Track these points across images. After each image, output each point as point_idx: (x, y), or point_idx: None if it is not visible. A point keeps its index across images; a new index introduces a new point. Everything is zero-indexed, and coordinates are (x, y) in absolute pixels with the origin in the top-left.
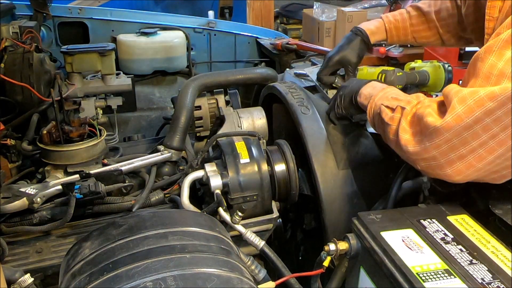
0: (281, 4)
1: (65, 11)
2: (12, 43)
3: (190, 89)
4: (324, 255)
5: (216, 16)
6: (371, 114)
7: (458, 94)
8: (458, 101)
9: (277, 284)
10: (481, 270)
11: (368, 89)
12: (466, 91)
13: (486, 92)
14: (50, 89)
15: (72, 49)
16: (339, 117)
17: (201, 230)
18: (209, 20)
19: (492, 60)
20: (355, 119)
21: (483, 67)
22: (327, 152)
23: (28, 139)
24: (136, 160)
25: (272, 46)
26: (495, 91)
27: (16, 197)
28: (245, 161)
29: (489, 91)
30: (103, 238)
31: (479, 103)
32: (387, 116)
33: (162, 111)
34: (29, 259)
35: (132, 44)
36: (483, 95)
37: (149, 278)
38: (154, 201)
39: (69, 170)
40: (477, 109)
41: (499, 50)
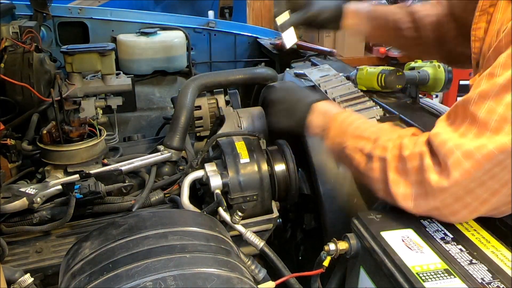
0: None
1: (65, 11)
2: (12, 43)
3: (190, 89)
4: (324, 255)
5: (216, 16)
6: (332, 149)
7: (461, 148)
8: (464, 156)
9: (277, 284)
10: (481, 270)
11: (319, 119)
12: (471, 145)
13: (496, 145)
14: (50, 89)
15: (72, 49)
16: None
17: (201, 230)
18: (209, 20)
19: (490, 105)
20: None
21: (478, 111)
22: (327, 152)
23: (28, 139)
24: (136, 160)
25: (272, 46)
26: (506, 143)
27: (16, 197)
28: (245, 161)
29: (499, 144)
30: (103, 238)
31: (488, 157)
32: (361, 164)
33: (162, 111)
34: (29, 259)
35: (132, 44)
36: (493, 148)
37: (149, 278)
38: (154, 201)
39: (69, 170)
40: (486, 163)
41: (497, 94)
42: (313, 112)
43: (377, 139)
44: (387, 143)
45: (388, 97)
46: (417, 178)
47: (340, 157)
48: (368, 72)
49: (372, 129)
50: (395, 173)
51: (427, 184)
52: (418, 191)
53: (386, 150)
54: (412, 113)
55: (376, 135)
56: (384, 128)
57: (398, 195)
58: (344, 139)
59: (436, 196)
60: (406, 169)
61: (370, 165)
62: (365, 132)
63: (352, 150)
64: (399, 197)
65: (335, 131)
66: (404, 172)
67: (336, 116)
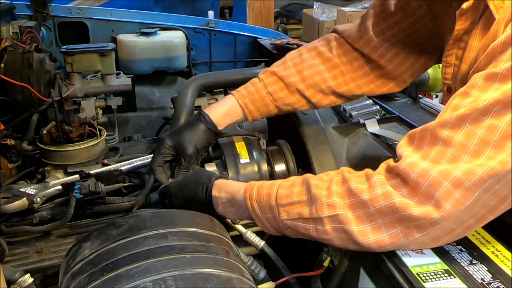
0: (281, 4)
1: (65, 11)
2: (12, 43)
3: (190, 89)
4: (324, 255)
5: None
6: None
7: (448, 177)
8: (453, 185)
9: (277, 284)
10: (481, 270)
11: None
12: (458, 172)
13: (486, 170)
14: (50, 89)
15: (72, 49)
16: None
17: (201, 230)
18: (209, 20)
19: (469, 128)
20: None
21: (456, 135)
22: (327, 152)
23: (28, 139)
24: (136, 160)
25: (272, 46)
26: (495, 167)
27: (16, 197)
28: (245, 161)
29: (489, 169)
30: (103, 238)
31: (478, 183)
32: (310, 230)
33: (162, 111)
34: (29, 259)
35: (132, 44)
36: (483, 173)
37: (149, 278)
38: (154, 201)
39: (69, 170)
40: (476, 189)
41: (476, 118)
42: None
43: (311, 199)
44: (329, 198)
45: (388, 97)
46: (386, 219)
47: (286, 232)
48: None
49: (296, 189)
50: (358, 223)
51: (409, 220)
52: (394, 231)
53: (334, 206)
54: (412, 113)
55: (305, 194)
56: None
57: (371, 244)
58: (275, 213)
59: (422, 228)
60: (370, 213)
61: (321, 228)
62: (290, 197)
63: (291, 221)
64: (373, 245)
65: (258, 208)
66: (369, 218)
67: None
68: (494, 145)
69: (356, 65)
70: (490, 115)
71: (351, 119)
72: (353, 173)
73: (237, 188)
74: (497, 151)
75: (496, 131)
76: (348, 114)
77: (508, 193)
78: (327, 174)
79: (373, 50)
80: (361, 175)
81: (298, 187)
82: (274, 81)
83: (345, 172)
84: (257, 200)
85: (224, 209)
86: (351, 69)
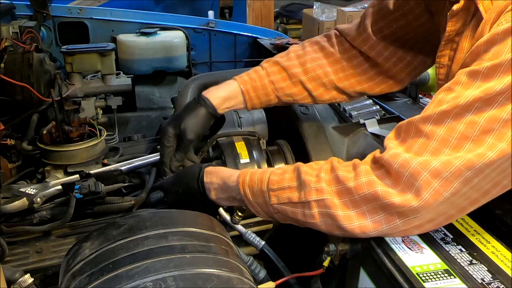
0: (281, 4)
1: (65, 11)
2: (12, 43)
3: (190, 89)
4: (324, 255)
5: (216, 16)
6: (259, 211)
7: (427, 167)
8: (431, 175)
9: (277, 284)
10: (481, 270)
11: (218, 192)
12: (436, 163)
13: (463, 162)
14: (50, 89)
15: (72, 49)
16: None
17: (201, 230)
18: (209, 20)
19: (450, 123)
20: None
21: (438, 129)
22: (327, 152)
23: (28, 139)
24: (136, 160)
25: (272, 46)
26: (472, 159)
27: (16, 197)
28: (245, 161)
29: (466, 160)
30: (103, 238)
31: (456, 174)
32: (298, 215)
33: (162, 111)
34: (29, 259)
35: (132, 44)
36: (459, 165)
37: (149, 278)
38: (154, 201)
39: (69, 170)
40: (454, 180)
41: (457, 114)
42: (207, 175)
43: (301, 184)
44: (317, 184)
45: (388, 97)
46: (370, 206)
47: (276, 216)
48: None
49: (287, 175)
50: (344, 209)
51: (390, 208)
52: (377, 218)
53: (322, 191)
54: (412, 113)
55: (296, 180)
56: (294, 170)
57: (355, 229)
58: (265, 198)
59: (404, 215)
60: (355, 200)
61: (308, 212)
62: (281, 182)
63: (280, 206)
64: (357, 230)
65: (251, 193)
66: (354, 204)
67: (241, 178)
68: (474, 139)
69: (355, 63)
70: (471, 111)
71: (351, 119)
72: (341, 162)
73: (229, 174)
74: (476, 145)
75: (476, 126)
76: (348, 114)
77: (490, 188)
78: (317, 163)
79: (370, 49)
80: (349, 165)
81: (289, 174)
82: (277, 71)
83: (334, 161)
84: (250, 186)
85: (216, 195)
86: (351, 66)
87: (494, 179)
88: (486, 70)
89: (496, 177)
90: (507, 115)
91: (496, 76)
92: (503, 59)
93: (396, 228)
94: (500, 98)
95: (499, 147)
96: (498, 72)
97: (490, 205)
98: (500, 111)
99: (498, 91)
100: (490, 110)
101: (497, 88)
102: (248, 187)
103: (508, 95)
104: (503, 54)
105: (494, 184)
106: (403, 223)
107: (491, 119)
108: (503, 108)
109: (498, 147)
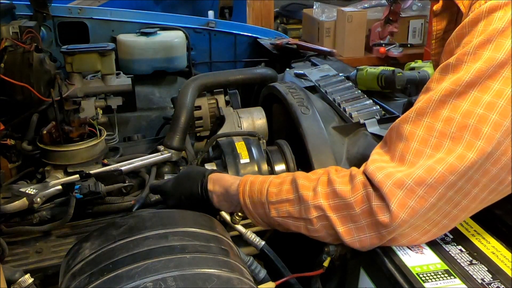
0: (281, 4)
1: (65, 11)
2: (12, 43)
3: (190, 89)
4: (324, 255)
5: (216, 16)
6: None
7: (411, 177)
8: (415, 184)
9: (277, 284)
10: (481, 270)
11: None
12: (420, 171)
13: (445, 167)
14: (50, 89)
15: (72, 49)
16: None
17: (201, 231)
18: (209, 20)
19: (428, 122)
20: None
21: (416, 130)
22: (327, 152)
23: (28, 139)
24: (136, 160)
25: (272, 46)
26: (454, 163)
27: (16, 197)
28: (245, 161)
29: (448, 165)
30: (103, 239)
31: (440, 180)
32: (301, 228)
33: (162, 111)
34: (29, 259)
35: (132, 44)
36: (443, 170)
37: (149, 278)
38: (154, 201)
39: (69, 170)
40: (439, 186)
41: (433, 111)
42: (210, 182)
43: (299, 199)
44: (315, 200)
45: (388, 97)
46: (368, 221)
47: (277, 227)
48: (368, 72)
49: (285, 187)
50: (343, 225)
51: (380, 226)
52: (373, 233)
53: (321, 208)
54: None
55: (293, 193)
56: (292, 182)
57: (355, 243)
58: (265, 210)
59: (390, 227)
60: (353, 215)
61: (311, 227)
62: (279, 195)
63: (281, 219)
64: (357, 245)
65: (250, 204)
66: (352, 219)
67: (241, 187)
68: (452, 137)
69: None
70: (446, 107)
71: (351, 119)
72: (339, 171)
73: (230, 183)
74: (455, 144)
75: (453, 123)
76: (348, 114)
77: (470, 188)
78: (315, 173)
79: None
80: (346, 175)
81: (287, 185)
82: None
83: (331, 173)
84: (249, 196)
85: (219, 202)
86: None
87: (479, 181)
88: (455, 60)
89: (481, 179)
90: (481, 109)
91: (463, 65)
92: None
93: (385, 239)
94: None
95: (477, 146)
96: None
97: (490, 206)
98: (473, 104)
99: (467, 80)
100: (464, 103)
101: (466, 78)
102: (248, 197)
103: (480, 84)
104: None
105: (481, 188)
106: (387, 232)
107: (466, 114)
108: (477, 99)
109: (476, 146)
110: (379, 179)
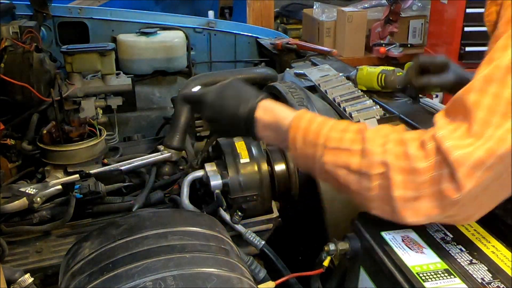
0: (281, 4)
1: (65, 11)
2: (12, 43)
3: None
4: (324, 255)
5: (216, 16)
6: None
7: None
8: (485, 155)
9: (277, 284)
10: (481, 270)
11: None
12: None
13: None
14: (50, 89)
15: (72, 49)
16: None
17: (201, 230)
18: (209, 20)
19: (494, 89)
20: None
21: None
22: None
23: (28, 139)
24: (136, 160)
25: (272, 46)
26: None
27: (16, 197)
28: (245, 161)
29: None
30: (103, 238)
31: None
32: (351, 183)
33: (162, 111)
34: (29, 259)
35: (132, 44)
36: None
37: (148, 278)
38: (154, 201)
39: (69, 170)
40: (506, 157)
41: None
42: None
43: (365, 150)
44: (383, 156)
45: (388, 97)
46: (431, 190)
47: (319, 173)
48: (368, 72)
49: (348, 135)
50: (404, 190)
51: (444, 195)
52: (434, 204)
53: (388, 165)
54: (412, 113)
55: (358, 144)
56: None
57: (407, 213)
58: (317, 152)
59: (456, 203)
60: (417, 182)
61: (366, 184)
62: (342, 142)
63: (333, 167)
64: (408, 214)
65: (301, 141)
66: (414, 187)
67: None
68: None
69: None
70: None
71: (351, 119)
72: (409, 133)
73: (284, 116)
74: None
75: None
76: (348, 113)
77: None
78: (382, 128)
79: None
80: (416, 139)
81: (351, 134)
82: None
83: (403, 133)
84: (303, 134)
85: (263, 132)
86: None
87: None
88: None
89: None
90: None
91: None
92: None
93: (449, 217)
94: None
95: None
96: None
97: None
98: None
99: None
100: None
101: None
102: (301, 135)
103: None
104: None
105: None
106: (451, 210)
107: None
108: None
109: None
110: (446, 147)
